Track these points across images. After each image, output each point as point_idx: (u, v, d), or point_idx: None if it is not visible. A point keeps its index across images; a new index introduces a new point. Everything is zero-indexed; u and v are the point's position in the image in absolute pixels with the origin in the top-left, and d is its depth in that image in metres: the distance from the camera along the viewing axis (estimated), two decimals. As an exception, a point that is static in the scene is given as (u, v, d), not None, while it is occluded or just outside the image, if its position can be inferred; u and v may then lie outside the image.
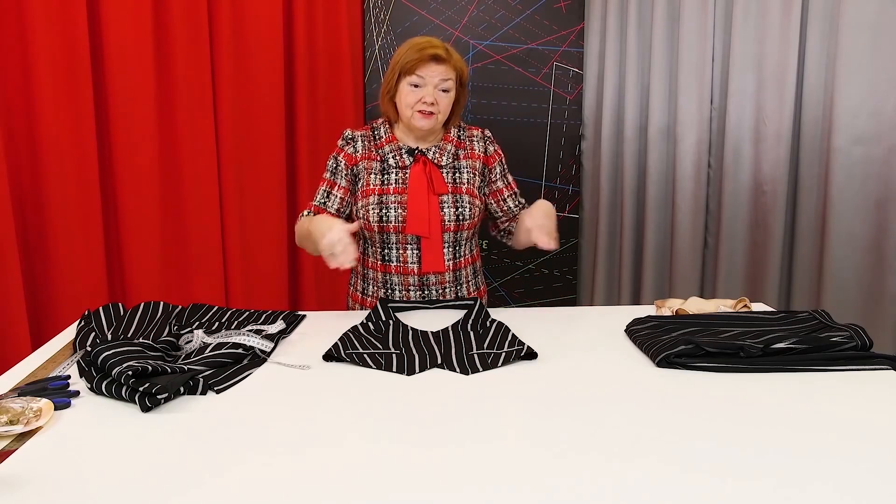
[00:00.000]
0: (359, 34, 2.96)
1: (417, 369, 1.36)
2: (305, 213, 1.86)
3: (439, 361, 1.39)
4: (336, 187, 1.85)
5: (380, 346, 1.48)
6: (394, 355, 1.43)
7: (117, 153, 2.47)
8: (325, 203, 1.85)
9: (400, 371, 1.35)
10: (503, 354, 1.41)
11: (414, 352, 1.45)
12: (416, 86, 1.75)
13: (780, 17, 2.80)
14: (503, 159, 1.92)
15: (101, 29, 2.40)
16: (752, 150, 2.94)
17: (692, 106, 2.95)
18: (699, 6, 2.89)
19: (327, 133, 2.82)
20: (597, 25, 3.05)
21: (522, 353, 1.41)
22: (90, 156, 2.39)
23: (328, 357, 1.42)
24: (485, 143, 1.90)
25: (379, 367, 1.37)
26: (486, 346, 1.48)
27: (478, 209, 1.84)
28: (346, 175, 1.85)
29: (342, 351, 1.43)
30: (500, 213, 1.94)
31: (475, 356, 1.42)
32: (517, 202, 1.93)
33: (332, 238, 1.56)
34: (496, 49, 2.99)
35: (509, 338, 1.52)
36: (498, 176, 1.90)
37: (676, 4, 2.92)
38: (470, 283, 1.91)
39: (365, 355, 1.42)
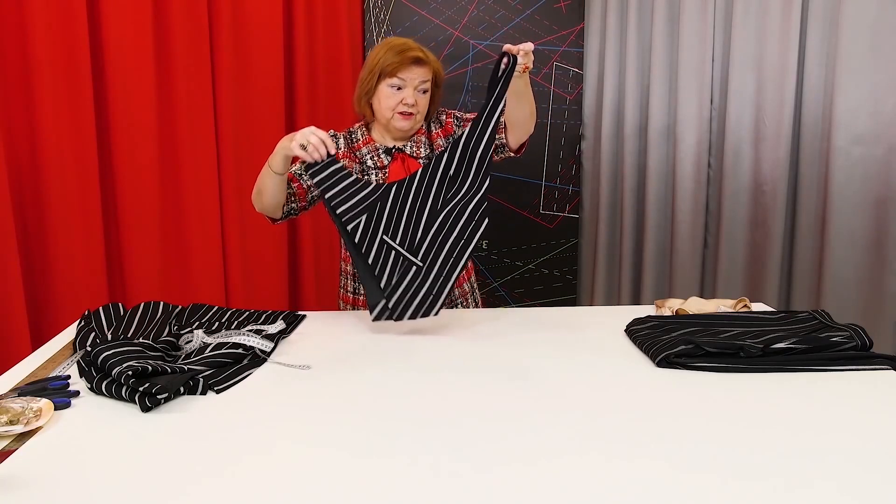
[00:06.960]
0: (359, 34, 2.95)
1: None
2: None
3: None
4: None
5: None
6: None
7: (117, 153, 2.47)
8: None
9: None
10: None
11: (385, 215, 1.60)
12: (396, 87, 1.73)
13: (780, 17, 2.80)
14: (457, 113, 1.88)
15: (101, 29, 2.39)
16: (752, 150, 2.94)
17: (692, 106, 2.95)
18: (699, 6, 2.89)
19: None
20: (597, 25, 3.05)
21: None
22: (90, 156, 2.39)
23: (310, 166, 1.56)
24: (438, 119, 1.87)
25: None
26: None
27: None
28: None
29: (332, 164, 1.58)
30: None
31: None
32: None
33: (303, 131, 1.56)
34: (496, 49, 2.98)
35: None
36: (461, 125, 1.85)
37: (676, 4, 2.92)
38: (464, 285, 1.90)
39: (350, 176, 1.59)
